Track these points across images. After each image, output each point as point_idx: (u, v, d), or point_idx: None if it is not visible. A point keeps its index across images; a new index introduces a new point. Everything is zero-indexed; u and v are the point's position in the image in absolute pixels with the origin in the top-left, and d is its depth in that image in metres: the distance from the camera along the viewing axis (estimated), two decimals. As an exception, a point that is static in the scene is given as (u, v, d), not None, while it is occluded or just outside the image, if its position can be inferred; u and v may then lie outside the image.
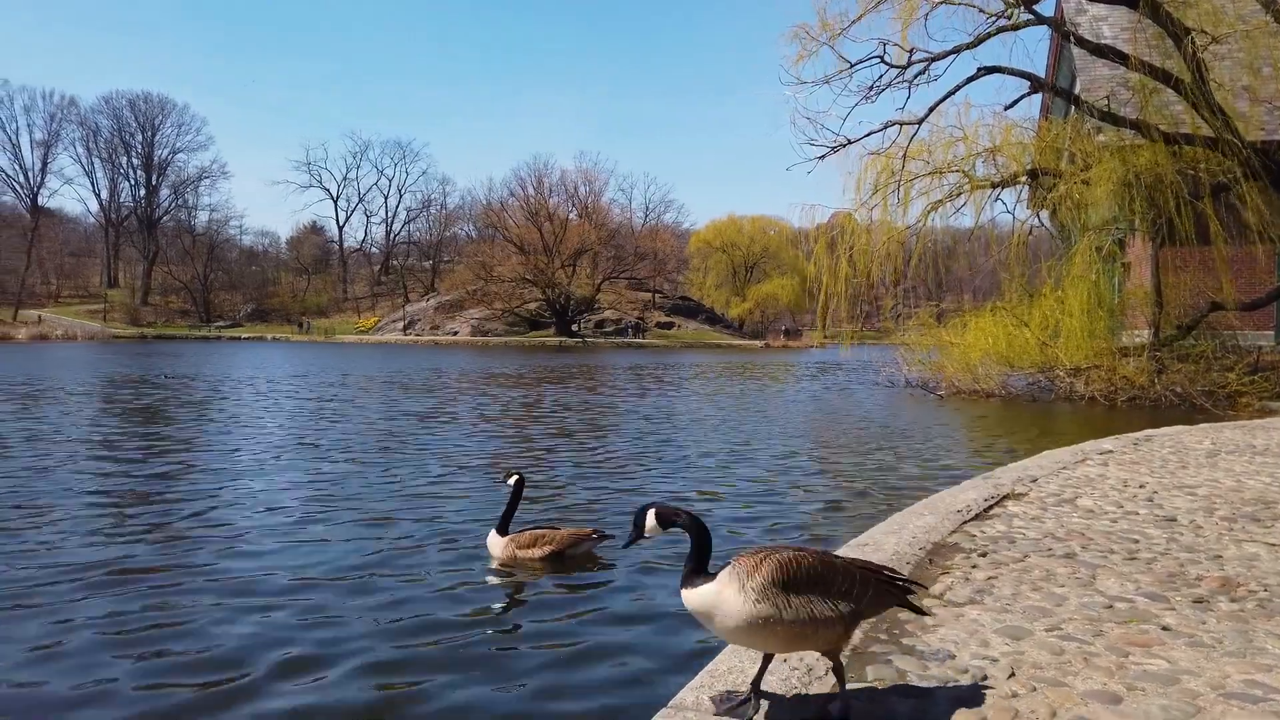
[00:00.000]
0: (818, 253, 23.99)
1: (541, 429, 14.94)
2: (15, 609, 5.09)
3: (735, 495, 8.97)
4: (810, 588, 2.60)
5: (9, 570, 5.87)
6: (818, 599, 2.59)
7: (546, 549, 6.26)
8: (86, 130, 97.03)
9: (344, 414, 17.03)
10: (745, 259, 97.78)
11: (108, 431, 14.01)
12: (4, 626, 4.83)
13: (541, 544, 6.29)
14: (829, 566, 2.67)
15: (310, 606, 5.20)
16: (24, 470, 9.94)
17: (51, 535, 6.88)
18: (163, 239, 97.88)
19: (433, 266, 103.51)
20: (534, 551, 6.29)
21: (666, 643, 4.76)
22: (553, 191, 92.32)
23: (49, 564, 6.03)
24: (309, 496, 8.58)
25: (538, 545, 6.30)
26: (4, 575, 5.75)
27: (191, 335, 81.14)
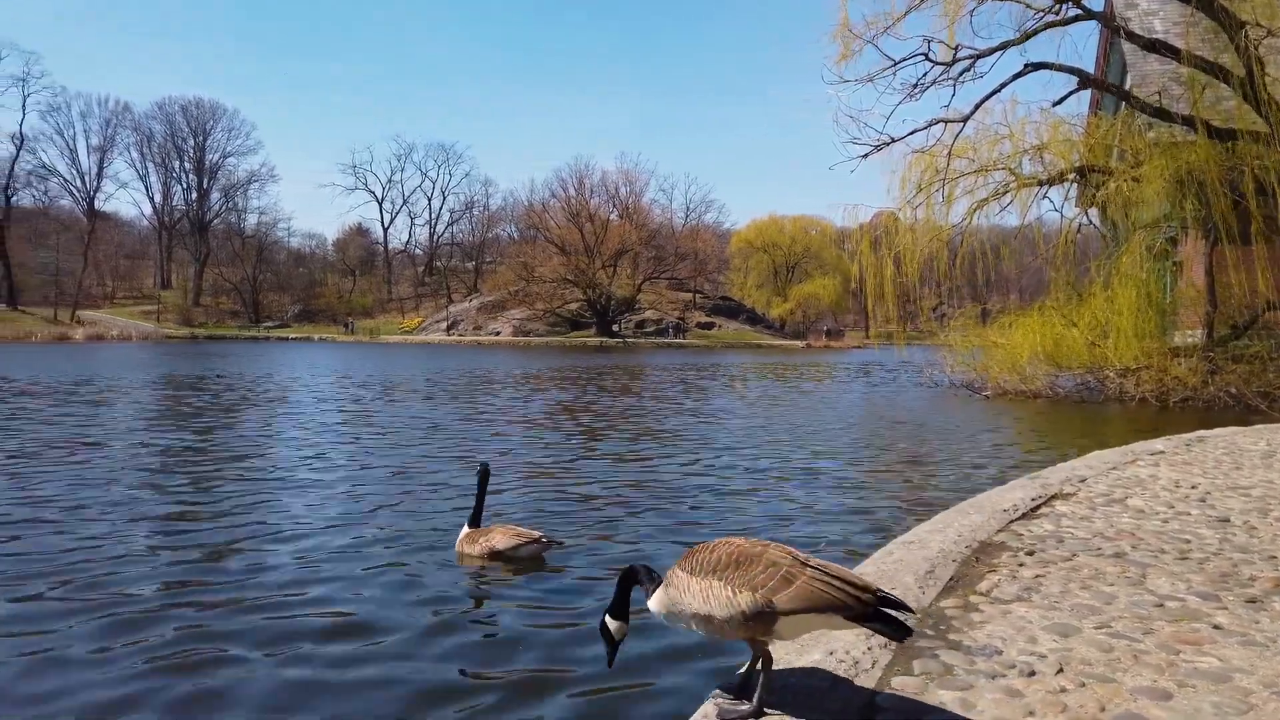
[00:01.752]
0: (861, 252, 23.82)
1: (582, 428, 15.05)
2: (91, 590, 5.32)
3: (777, 492, 9.00)
4: (713, 574, 2.63)
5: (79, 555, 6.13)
6: (718, 587, 2.60)
7: (487, 547, 6.23)
8: (141, 135, 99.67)
9: (389, 413, 17.32)
10: (787, 259, 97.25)
11: (165, 429, 14.42)
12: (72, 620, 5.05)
13: (484, 542, 6.27)
14: (746, 557, 2.62)
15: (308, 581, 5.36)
16: (84, 465, 10.30)
17: (116, 523, 7.16)
18: (213, 241, 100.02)
19: (475, 267, 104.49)
20: (476, 548, 6.29)
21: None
22: (594, 192, 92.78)
23: (116, 554, 6.28)
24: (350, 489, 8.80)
25: (479, 543, 6.28)
26: (71, 561, 6.02)
27: (241, 335, 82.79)
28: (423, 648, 4.60)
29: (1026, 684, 2.74)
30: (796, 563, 2.60)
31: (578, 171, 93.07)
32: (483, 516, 6.56)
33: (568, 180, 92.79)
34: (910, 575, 3.89)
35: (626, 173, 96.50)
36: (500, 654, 4.55)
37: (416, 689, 4.08)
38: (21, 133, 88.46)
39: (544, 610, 5.27)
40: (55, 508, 7.79)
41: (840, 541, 6.99)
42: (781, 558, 2.62)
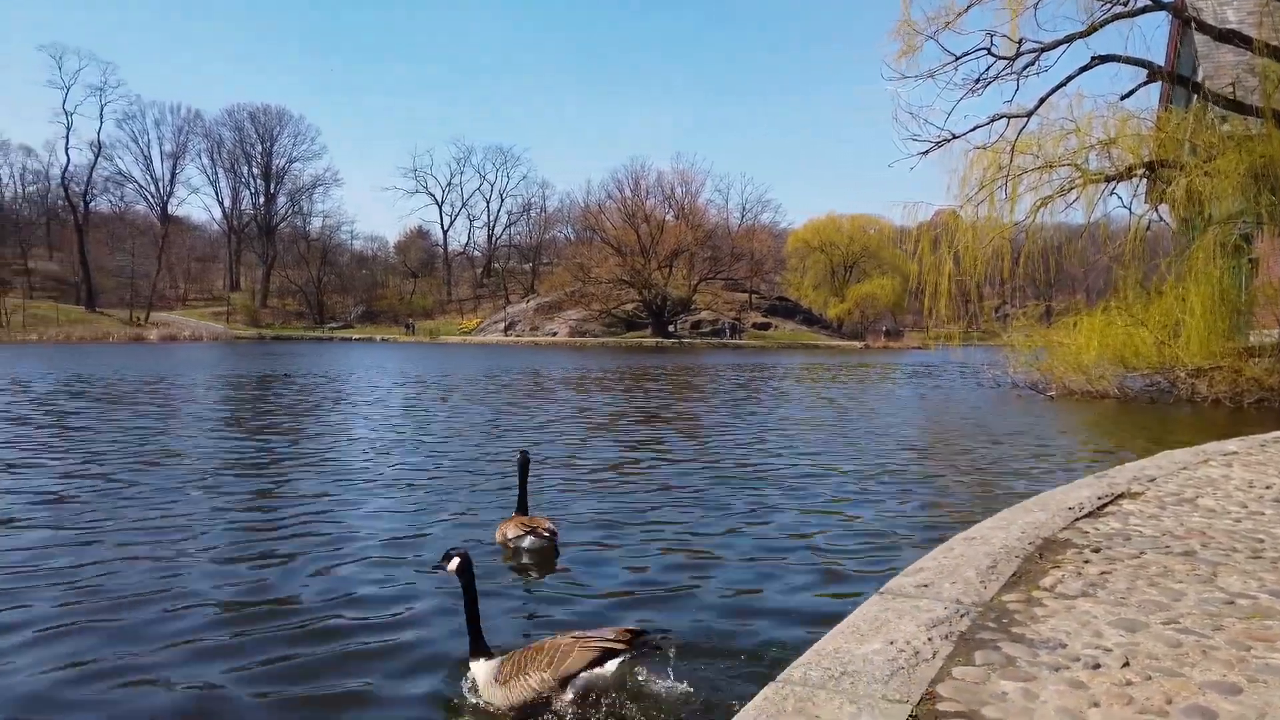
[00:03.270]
0: (921, 252, 23.50)
1: (640, 425, 15.15)
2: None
3: (843, 491, 8.98)
4: (512, 677, 3.81)
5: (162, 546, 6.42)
6: (518, 681, 3.79)
7: (501, 535, 6.56)
8: (211, 142, 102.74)
9: (454, 409, 17.63)
10: (844, 258, 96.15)
11: (244, 422, 14.92)
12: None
13: (502, 530, 6.61)
14: (536, 651, 3.83)
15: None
16: (168, 459, 10.73)
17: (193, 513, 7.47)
18: (280, 244, 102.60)
19: (532, 268, 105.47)
20: (499, 535, 6.62)
21: (776, 622, 4.86)
22: (649, 193, 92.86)
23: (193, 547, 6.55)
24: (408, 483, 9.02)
25: (500, 530, 6.62)
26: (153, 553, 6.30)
27: (306, 336, 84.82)
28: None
29: (1091, 676, 2.73)
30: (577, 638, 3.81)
31: (634, 172, 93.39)
32: (528, 503, 6.83)
33: (624, 181, 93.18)
34: (971, 569, 3.88)
35: (682, 173, 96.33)
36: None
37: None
38: (99, 140, 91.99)
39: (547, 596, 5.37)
40: (148, 503, 8.16)
41: (901, 537, 6.96)
42: (563, 640, 3.83)
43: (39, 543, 6.55)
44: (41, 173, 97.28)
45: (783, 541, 6.89)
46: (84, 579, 5.64)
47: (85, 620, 4.90)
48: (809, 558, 6.42)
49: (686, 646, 4.54)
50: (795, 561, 6.30)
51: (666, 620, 4.98)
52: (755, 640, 4.69)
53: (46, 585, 5.50)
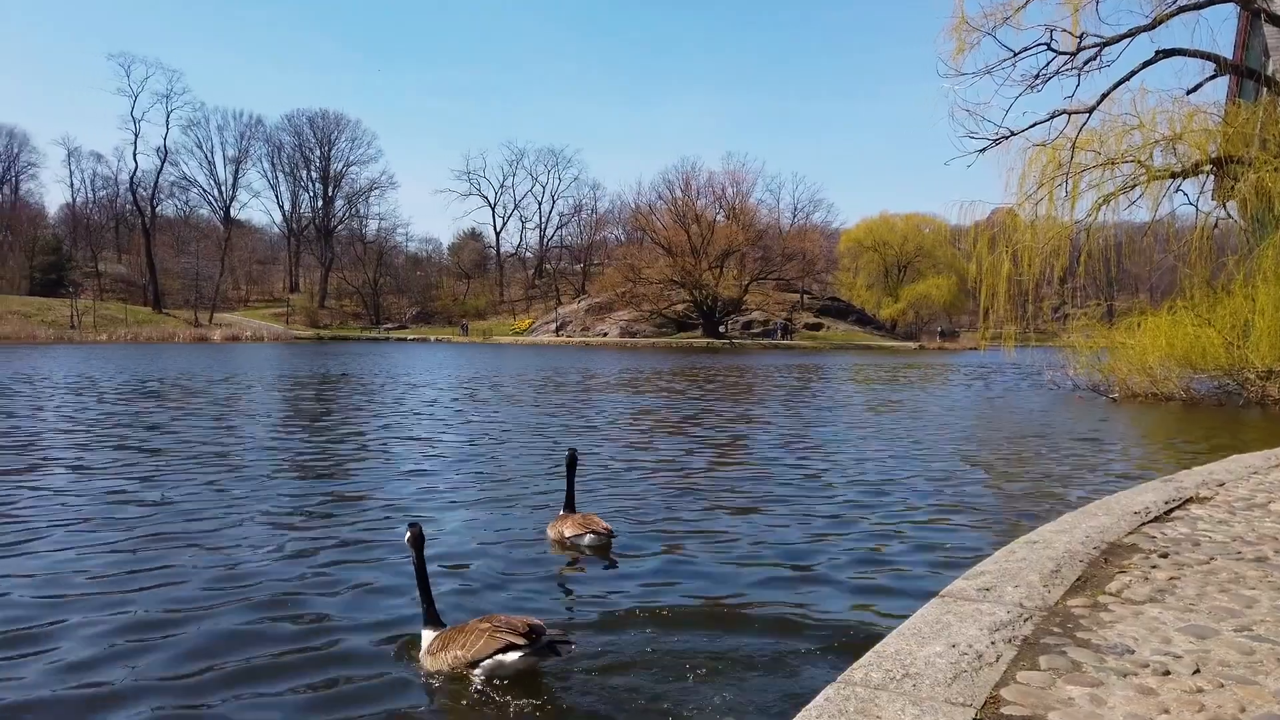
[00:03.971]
0: (977, 251, 23.09)
1: (692, 426, 15.16)
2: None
3: (900, 492, 8.91)
4: (440, 650, 4.19)
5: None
6: (442, 655, 4.16)
7: (557, 533, 6.65)
8: (272, 147, 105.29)
9: (503, 411, 17.84)
10: (898, 258, 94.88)
11: (308, 417, 15.29)
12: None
13: (557, 527, 6.70)
14: (458, 631, 4.21)
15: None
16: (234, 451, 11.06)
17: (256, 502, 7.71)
18: (337, 246, 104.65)
19: (583, 269, 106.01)
20: (552, 532, 6.73)
21: (837, 625, 4.86)
22: (700, 193, 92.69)
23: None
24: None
25: (555, 529, 6.71)
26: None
27: (363, 336, 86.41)
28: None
29: (1161, 683, 2.69)
30: (483, 627, 4.12)
31: (684, 173, 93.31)
32: (575, 500, 6.94)
33: (674, 182, 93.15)
34: (1034, 573, 3.84)
35: (733, 173, 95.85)
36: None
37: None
38: (165, 146, 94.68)
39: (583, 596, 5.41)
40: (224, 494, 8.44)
41: (962, 540, 6.89)
42: (482, 624, 4.15)
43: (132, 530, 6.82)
44: (111, 178, 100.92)
45: (837, 543, 6.87)
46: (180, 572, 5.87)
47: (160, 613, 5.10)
48: (865, 559, 6.38)
49: (741, 649, 4.56)
50: (851, 563, 6.27)
51: (713, 621, 5.00)
52: (812, 640, 4.69)
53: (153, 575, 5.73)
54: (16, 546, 6.45)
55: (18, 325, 69.93)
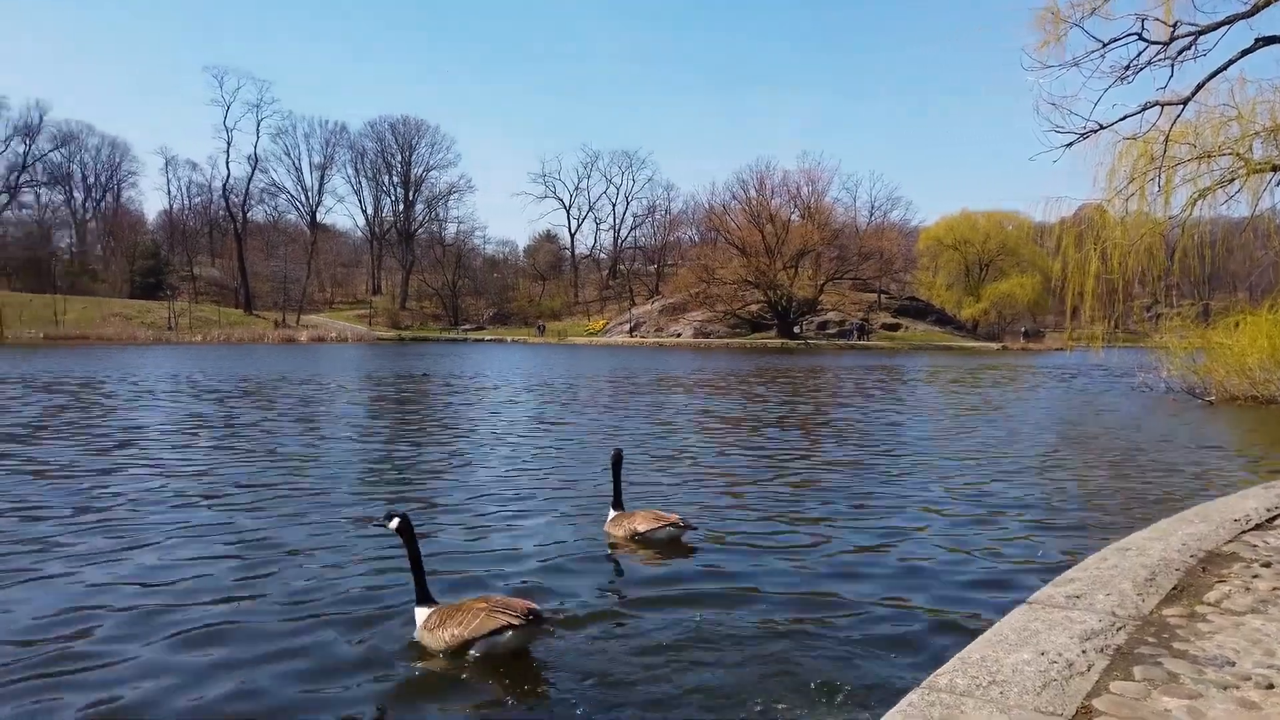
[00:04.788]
0: (1063, 249, 22.34)
1: (769, 427, 15.07)
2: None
3: (986, 496, 8.73)
4: (436, 627, 4.46)
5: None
6: (439, 632, 4.43)
7: (630, 529, 6.69)
8: (355, 153, 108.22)
9: (575, 411, 18.03)
10: (979, 256, 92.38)
11: (397, 414, 15.73)
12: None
13: (627, 525, 6.73)
14: (453, 610, 4.48)
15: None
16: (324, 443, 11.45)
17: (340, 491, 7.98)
18: (418, 249, 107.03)
19: (657, 270, 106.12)
20: (620, 530, 6.76)
21: (918, 629, 4.80)
22: (774, 193, 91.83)
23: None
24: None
25: (622, 525, 6.76)
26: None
27: (441, 337, 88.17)
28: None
29: (1264, 696, 2.60)
30: (479, 606, 4.41)
31: (758, 173, 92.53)
32: (623, 498, 7.07)
33: (748, 181, 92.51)
34: (1128, 582, 3.73)
35: (808, 172, 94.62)
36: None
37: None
38: (256, 154, 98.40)
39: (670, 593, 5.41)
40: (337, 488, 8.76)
41: (1049, 545, 6.72)
42: (477, 604, 4.44)
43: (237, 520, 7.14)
44: (205, 185, 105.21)
45: (918, 546, 6.76)
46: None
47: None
48: (947, 563, 6.27)
49: (818, 650, 4.53)
50: (933, 566, 6.17)
51: (790, 622, 4.99)
52: (892, 643, 4.64)
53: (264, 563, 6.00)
54: (132, 538, 6.82)
55: (120, 327, 73.44)
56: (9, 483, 9.01)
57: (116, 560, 6.18)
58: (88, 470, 9.82)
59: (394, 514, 4.93)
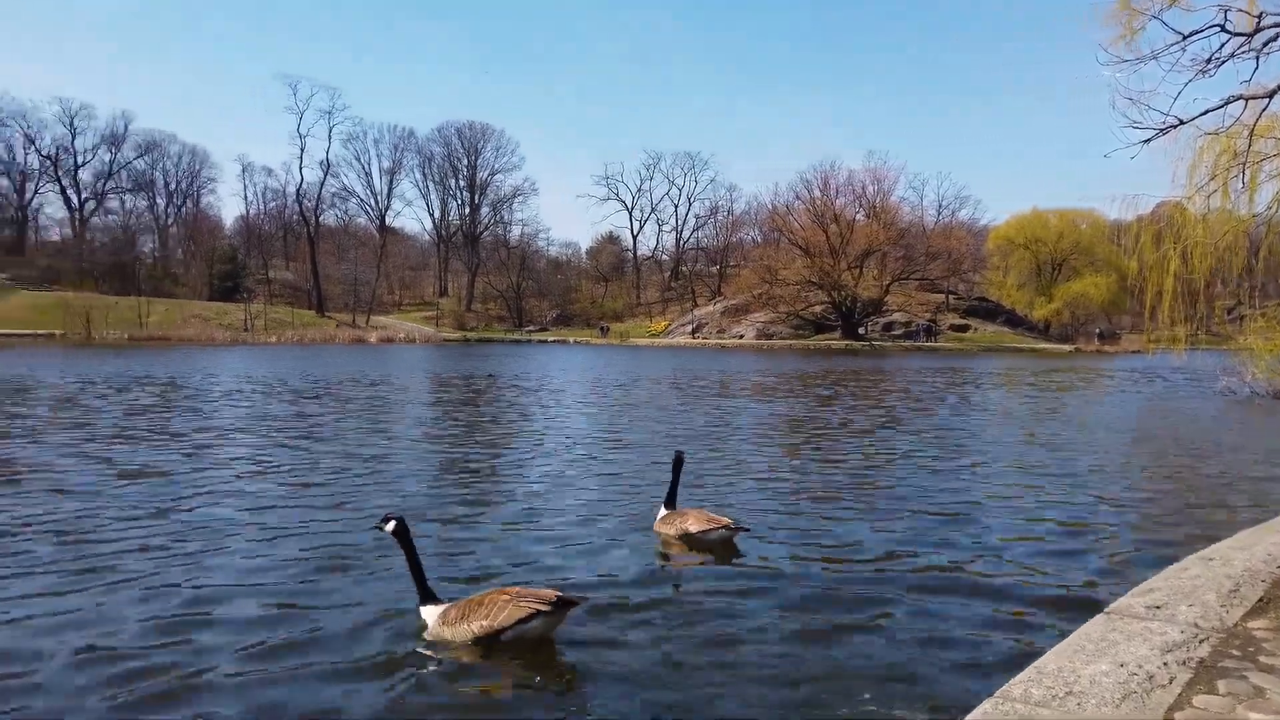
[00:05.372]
0: (1140, 247, 21.65)
1: (837, 429, 14.95)
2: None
3: (1061, 504, 8.56)
4: (458, 621, 4.64)
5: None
6: (463, 625, 4.62)
7: (680, 529, 6.75)
8: (423, 157, 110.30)
9: (645, 411, 18.12)
10: (1052, 255, 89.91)
11: (455, 422, 16.05)
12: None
13: (679, 524, 6.79)
14: (476, 603, 4.66)
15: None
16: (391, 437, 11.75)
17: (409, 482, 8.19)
18: (483, 252, 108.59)
19: (719, 271, 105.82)
20: (671, 529, 6.84)
21: (990, 637, 4.74)
22: (839, 193, 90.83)
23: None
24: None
25: (674, 525, 6.83)
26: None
27: (506, 338, 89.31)
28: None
29: (1357, 715, 2.53)
30: (503, 598, 4.61)
31: (822, 172, 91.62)
32: (677, 499, 7.17)
33: (812, 181, 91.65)
34: (1210, 592, 3.64)
35: (874, 171, 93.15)
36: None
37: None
38: (328, 159, 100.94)
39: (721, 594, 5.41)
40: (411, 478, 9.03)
41: (1128, 554, 6.57)
42: (499, 596, 4.63)
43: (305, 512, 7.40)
44: (279, 190, 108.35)
45: (990, 553, 6.66)
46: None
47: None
48: (1022, 570, 6.17)
49: (887, 656, 4.52)
50: (1006, 574, 6.08)
51: (862, 626, 4.97)
52: (963, 651, 4.60)
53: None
54: (219, 532, 7.12)
55: (199, 328, 76.07)
56: (97, 482, 9.45)
57: (195, 561, 6.46)
58: (177, 470, 10.24)
59: (390, 517, 5.07)
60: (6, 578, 5.81)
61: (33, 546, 6.58)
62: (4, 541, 6.72)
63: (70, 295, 75.71)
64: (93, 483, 9.12)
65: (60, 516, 7.56)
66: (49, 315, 72.77)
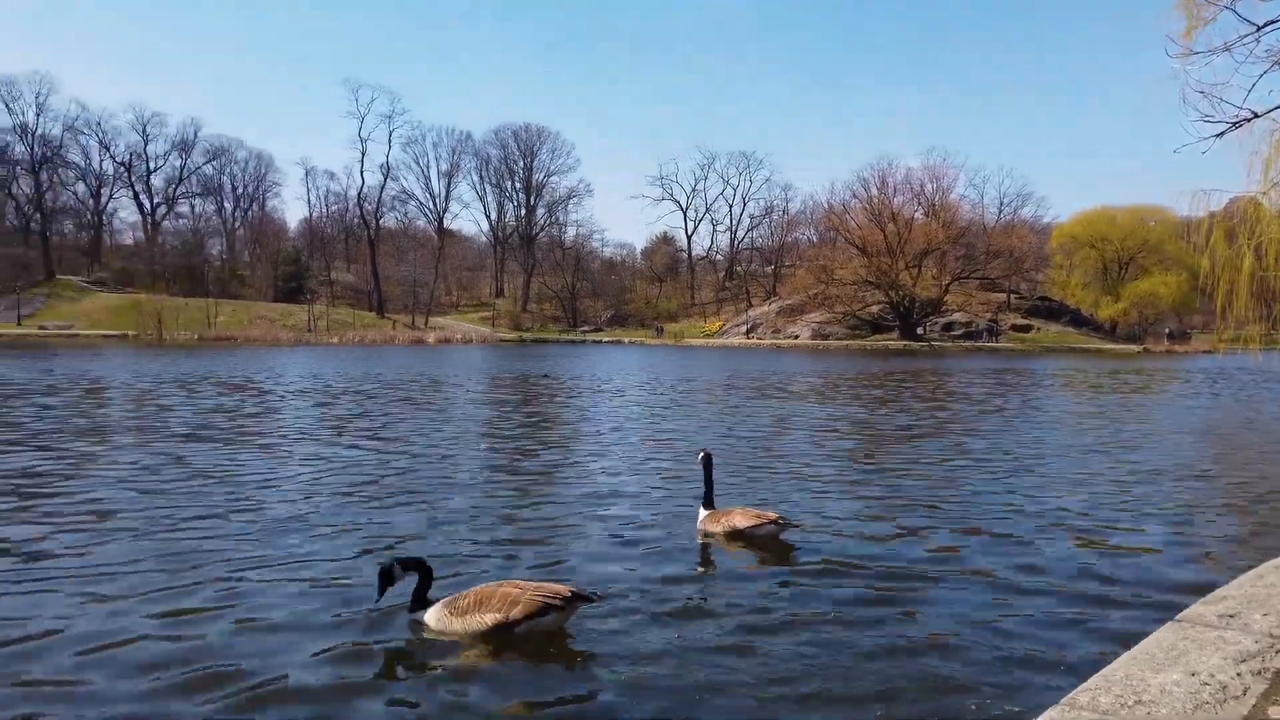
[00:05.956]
0: (1212, 245, 20.86)
1: (896, 431, 14.78)
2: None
3: (1131, 509, 8.38)
4: (469, 611, 4.75)
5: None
6: (474, 616, 4.72)
7: (728, 526, 6.79)
8: (480, 160, 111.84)
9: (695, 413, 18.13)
10: (1118, 254, 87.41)
11: (520, 409, 16.26)
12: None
13: (725, 522, 6.83)
14: (487, 595, 4.77)
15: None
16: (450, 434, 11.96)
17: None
18: (538, 253, 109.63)
19: (774, 271, 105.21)
20: (719, 527, 6.86)
21: (1057, 643, 4.67)
22: (897, 191, 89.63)
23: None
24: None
25: (720, 522, 6.87)
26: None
27: (561, 339, 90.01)
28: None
29: None
30: (516, 591, 4.76)
31: (880, 170, 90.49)
32: (714, 497, 7.27)
33: (869, 180, 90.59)
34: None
35: (932, 168, 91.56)
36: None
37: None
38: (388, 162, 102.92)
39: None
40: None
41: (1199, 561, 6.40)
42: (505, 591, 4.77)
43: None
44: (341, 194, 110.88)
45: (1056, 559, 6.53)
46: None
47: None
48: (1089, 577, 6.05)
49: (952, 665, 4.48)
50: (1073, 579, 5.96)
51: (924, 636, 4.93)
52: (1029, 658, 4.54)
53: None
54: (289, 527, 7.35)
55: (265, 329, 78.14)
56: (169, 484, 9.80)
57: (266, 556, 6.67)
58: (251, 469, 10.58)
59: (388, 568, 5.02)
60: (99, 576, 6.06)
61: (110, 540, 6.87)
62: (93, 535, 7.02)
63: (143, 297, 78.38)
64: (167, 476, 9.48)
65: (135, 509, 7.87)
66: (123, 316, 75.56)
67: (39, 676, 4.29)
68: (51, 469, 10.07)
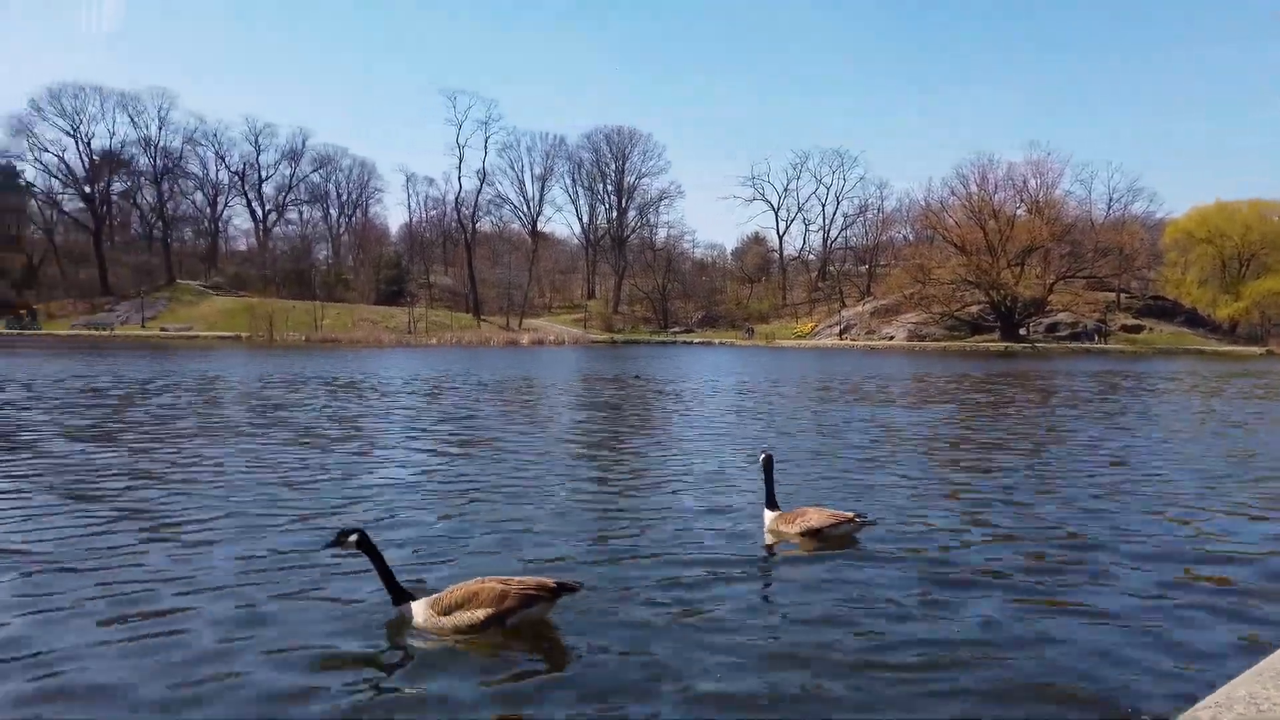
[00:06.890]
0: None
1: (997, 438, 14.49)
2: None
3: (1255, 521, 8.12)
4: (459, 608, 4.93)
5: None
6: (465, 612, 4.91)
7: (804, 526, 6.84)
8: (572, 164, 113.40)
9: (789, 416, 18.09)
10: (1239, 250, 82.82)
11: (602, 420, 16.59)
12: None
13: (800, 522, 6.87)
14: (474, 592, 4.96)
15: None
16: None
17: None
18: (629, 255, 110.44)
19: (868, 271, 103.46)
20: (793, 528, 6.90)
21: (1173, 657, 4.62)
22: (997, 187, 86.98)
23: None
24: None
25: (795, 523, 6.91)
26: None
27: (652, 340, 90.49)
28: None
29: None
30: (503, 585, 4.98)
31: (979, 166, 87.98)
32: (776, 498, 7.39)
33: (968, 176, 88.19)
34: None
35: (1036, 164, 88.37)
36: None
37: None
38: (484, 168, 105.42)
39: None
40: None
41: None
42: (493, 586, 4.98)
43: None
44: (439, 199, 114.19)
45: (1171, 574, 6.36)
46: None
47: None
48: (1206, 593, 5.89)
49: (1063, 676, 4.47)
50: (1186, 597, 5.82)
51: (1027, 645, 4.92)
52: (1143, 671, 4.50)
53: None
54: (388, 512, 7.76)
55: (368, 331, 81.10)
56: (274, 487, 10.40)
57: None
58: (353, 467, 11.14)
59: (349, 530, 5.26)
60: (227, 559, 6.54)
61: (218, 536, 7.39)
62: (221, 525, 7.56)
63: (255, 300, 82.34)
64: (298, 469, 10.08)
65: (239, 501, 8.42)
66: (236, 319, 79.61)
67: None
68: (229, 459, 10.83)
